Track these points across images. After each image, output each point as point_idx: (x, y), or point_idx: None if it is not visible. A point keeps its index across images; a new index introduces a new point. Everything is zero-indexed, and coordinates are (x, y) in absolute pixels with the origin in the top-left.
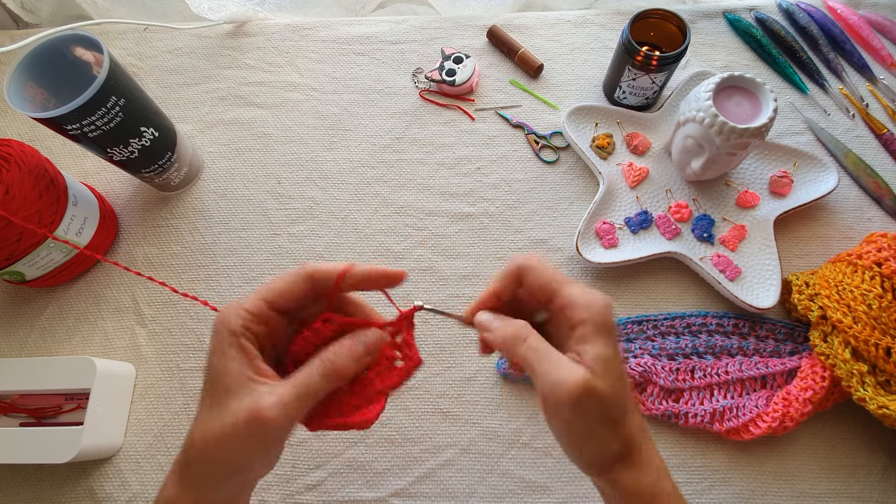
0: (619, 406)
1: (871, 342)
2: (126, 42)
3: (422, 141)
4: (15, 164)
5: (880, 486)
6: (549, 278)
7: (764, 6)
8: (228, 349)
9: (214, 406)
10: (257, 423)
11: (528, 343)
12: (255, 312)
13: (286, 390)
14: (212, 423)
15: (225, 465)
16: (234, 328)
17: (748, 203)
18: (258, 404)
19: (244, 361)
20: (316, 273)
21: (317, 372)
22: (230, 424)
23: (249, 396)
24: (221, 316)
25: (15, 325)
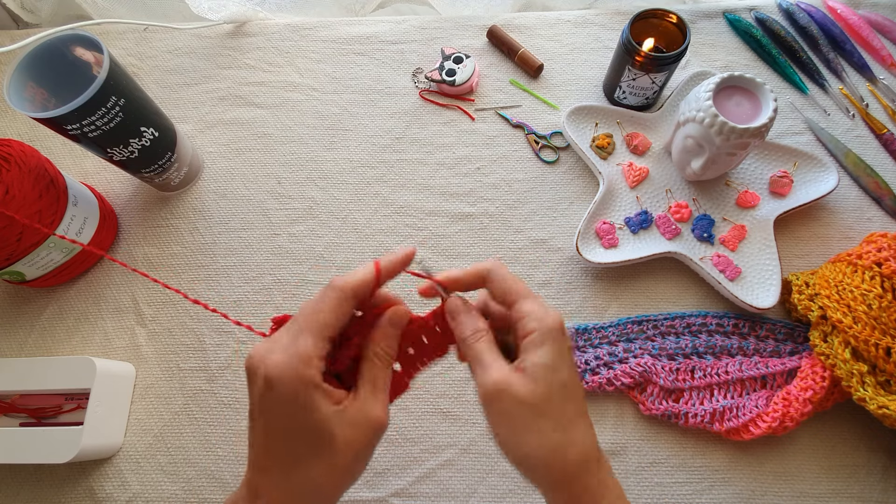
0: (547, 412)
1: (871, 342)
2: (126, 42)
3: (422, 141)
4: (15, 164)
5: (880, 486)
6: (509, 289)
7: (764, 6)
8: (317, 401)
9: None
10: (382, 431)
11: (476, 345)
12: (323, 355)
13: (380, 395)
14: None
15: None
16: (317, 381)
17: (748, 203)
18: (376, 418)
19: (330, 402)
20: (357, 289)
21: (380, 366)
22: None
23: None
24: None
25: (15, 325)
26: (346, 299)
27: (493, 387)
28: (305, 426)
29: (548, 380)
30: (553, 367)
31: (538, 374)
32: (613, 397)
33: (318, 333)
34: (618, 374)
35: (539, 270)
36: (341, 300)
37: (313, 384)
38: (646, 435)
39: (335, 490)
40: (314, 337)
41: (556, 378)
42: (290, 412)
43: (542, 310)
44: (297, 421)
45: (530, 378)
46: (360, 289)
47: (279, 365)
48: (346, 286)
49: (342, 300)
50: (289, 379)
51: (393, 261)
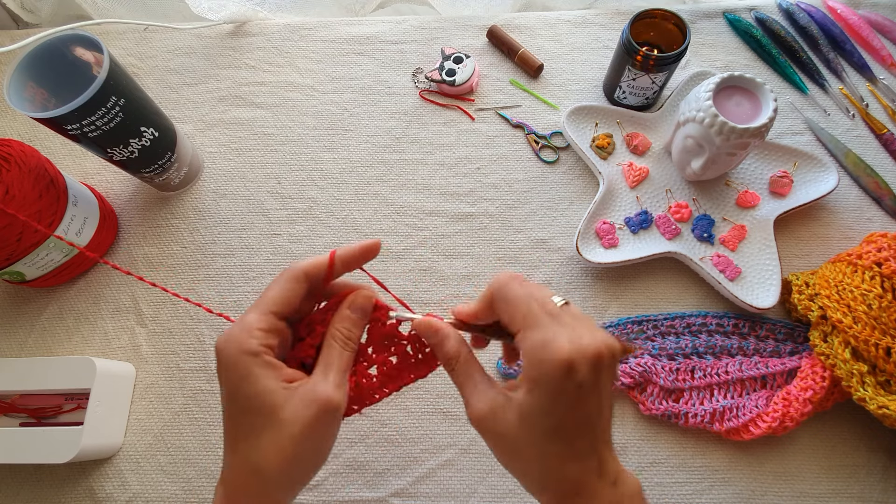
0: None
1: (871, 342)
2: (126, 42)
3: (422, 141)
4: (15, 164)
5: (880, 486)
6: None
7: (764, 6)
8: (255, 371)
9: (264, 428)
10: (330, 411)
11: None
12: (269, 328)
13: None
14: (275, 442)
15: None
16: (255, 349)
17: (748, 203)
18: (323, 396)
19: (276, 376)
20: (309, 270)
21: (339, 347)
22: (299, 430)
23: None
24: (232, 343)
25: (15, 325)
26: (294, 279)
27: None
28: (247, 396)
29: (535, 424)
30: (541, 414)
31: (525, 415)
32: (613, 397)
33: (262, 308)
34: (618, 374)
35: (539, 270)
36: (290, 279)
37: (252, 352)
38: (646, 435)
39: (282, 470)
40: (258, 311)
41: (545, 423)
42: (233, 381)
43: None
44: (240, 391)
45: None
46: (310, 270)
47: (225, 338)
48: (296, 267)
49: (291, 279)
50: (231, 349)
51: (350, 250)
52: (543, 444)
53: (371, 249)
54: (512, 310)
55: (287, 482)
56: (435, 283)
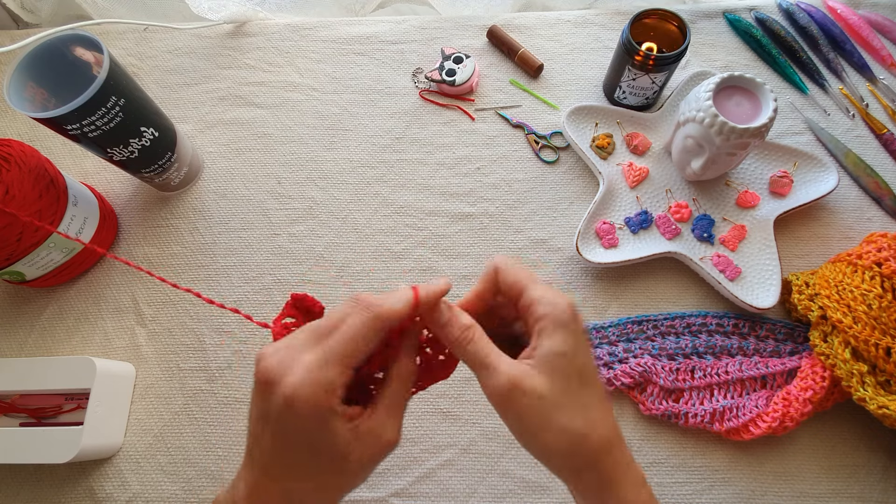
0: (565, 402)
1: (871, 342)
2: (126, 42)
3: (422, 141)
4: (15, 164)
5: (880, 486)
6: (518, 277)
7: (764, 6)
8: (336, 427)
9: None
10: (392, 450)
11: (471, 345)
12: (347, 382)
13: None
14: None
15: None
16: (336, 409)
17: (748, 203)
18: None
19: (346, 422)
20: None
21: (402, 387)
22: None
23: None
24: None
25: (15, 325)
26: (380, 329)
27: (505, 386)
28: (322, 448)
29: (564, 369)
30: (568, 353)
31: (554, 363)
32: (613, 397)
33: (345, 363)
34: (618, 374)
35: (539, 270)
36: (374, 329)
37: (335, 412)
38: (646, 435)
39: (336, 499)
40: (341, 366)
41: (573, 365)
42: (308, 434)
43: (552, 294)
44: (315, 443)
45: (546, 369)
46: (396, 319)
47: (302, 389)
48: (383, 315)
49: (376, 329)
50: (312, 405)
51: (433, 292)
52: (572, 392)
53: (448, 288)
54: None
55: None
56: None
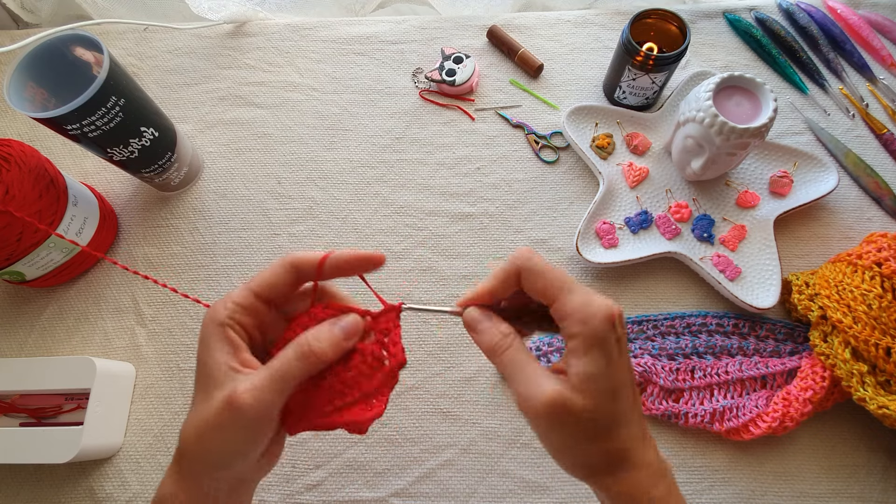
0: (602, 422)
1: (871, 342)
2: (126, 42)
3: (422, 141)
4: (15, 164)
5: (880, 486)
6: (548, 284)
7: (764, 6)
8: (215, 341)
9: (201, 398)
10: (233, 408)
11: (507, 354)
12: (243, 303)
13: (261, 375)
14: (197, 415)
15: (212, 457)
16: (222, 319)
17: (748, 203)
18: (232, 389)
19: (230, 352)
20: (298, 261)
21: (292, 355)
22: (212, 414)
23: (229, 385)
24: (210, 309)
25: (15, 325)
26: (282, 265)
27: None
28: (200, 362)
29: (596, 389)
30: (600, 374)
31: (586, 385)
32: None
33: (245, 285)
34: None
35: None
36: (278, 265)
37: (218, 322)
38: None
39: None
40: (242, 287)
41: (605, 385)
42: (199, 347)
43: (585, 306)
44: (199, 356)
45: (579, 389)
46: (301, 262)
47: (210, 307)
48: (288, 255)
49: (279, 265)
50: (206, 317)
51: (344, 255)
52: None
53: (369, 260)
54: (546, 279)
55: (199, 460)
56: (435, 283)
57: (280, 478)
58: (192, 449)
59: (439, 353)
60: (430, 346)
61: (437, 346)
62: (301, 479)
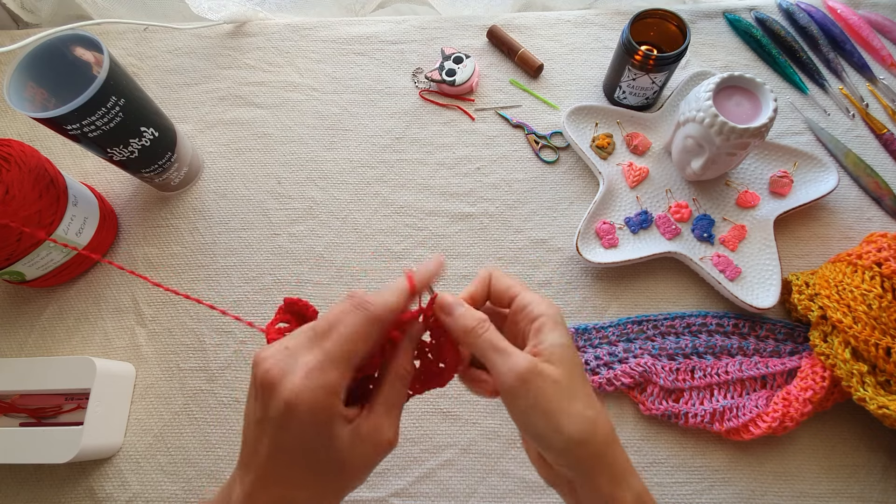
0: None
1: (871, 342)
2: (126, 42)
3: (422, 141)
4: (15, 164)
5: (880, 486)
6: (511, 283)
7: (764, 6)
8: (339, 432)
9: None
10: (390, 451)
11: (484, 336)
12: (348, 384)
13: (396, 415)
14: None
15: None
16: (339, 411)
17: (748, 203)
18: (389, 440)
19: (346, 424)
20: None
21: (400, 385)
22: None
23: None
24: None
25: (15, 325)
26: (379, 326)
27: (523, 372)
28: (322, 454)
29: (570, 359)
30: (569, 345)
31: (561, 354)
32: (613, 397)
33: (346, 365)
34: (618, 374)
35: (539, 270)
36: (373, 326)
37: (337, 416)
38: (646, 435)
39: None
40: (342, 368)
41: (574, 358)
42: (309, 439)
43: (543, 299)
44: (315, 449)
45: (555, 359)
46: (393, 312)
47: (304, 394)
48: (383, 313)
49: (374, 326)
50: (314, 410)
51: (427, 274)
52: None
53: (442, 265)
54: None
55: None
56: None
57: None
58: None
59: None
60: None
61: None
62: None
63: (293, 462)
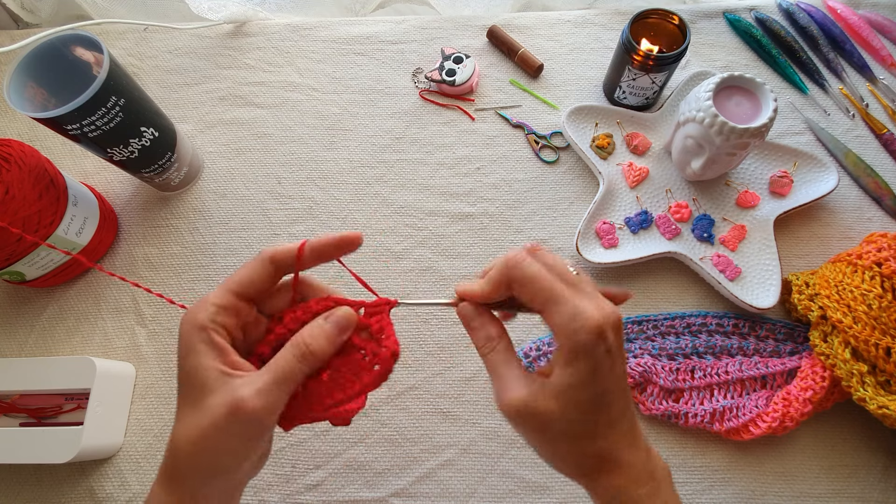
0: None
1: (871, 342)
2: (126, 42)
3: (422, 141)
4: (15, 164)
5: (880, 486)
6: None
7: (764, 6)
8: (198, 345)
9: (191, 406)
10: (239, 415)
11: (490, 356)
12: (223, 304)
13: (264, 379)
14: (191, 424)
15: (211, 465)
16: (203, 322)
17: (748, 203)
18: (237, 396)
19: (216, 356)
20: (275, 254)
21: (292, 355)
22: (210, 422)
23: (226, 390)
24: (189, 313)
25: (15, 325)
26: (260, 261)
27: (513, 406)
28: (185, 369)
29: (576, 398)
30: (582, 384)
31: (566, 393)
32: None
33: (224, 286)
34: None
35: None
36: (256, 261)
37: (199, 326)
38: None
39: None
40: (219, 289)
41: (587, 393)
42: (181, 353)
43: (571, 320)
44: (183, 363)
45: (557, 396)
46: (278, 255)
47: (187, 310)
48: (265, 250)
49: (257, 261)
50: (184, 321)
51: (323, 240)
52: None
53: (347, 241)
54: (533, 289)
55: (195, 470)
56: (435, 283)
57: (280, 478)
58: (186, 459)
59: (439, 353)
60: (429, 346)
61: (436, 346)
62: (301, 479)
63: (179, 382)
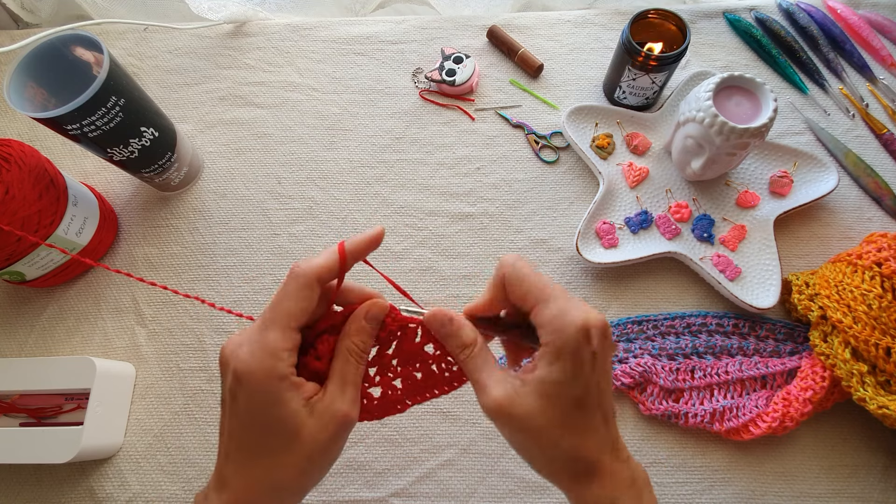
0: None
1: (871, 342)
2: (126, 42)
3: (422, 141)
4: (15, 164)
5: (880, 486)
6: (527, 291)
7: (764, 6)
8: (284, 395)
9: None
10: (348, 427)
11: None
12: (292, 347)
13: (350, 390)
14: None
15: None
16: (283, 372)
17: (748, 203)
18: (341, 413)
19: (299, 396)
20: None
21: (354, 362)
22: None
23: (323, 414)
24: (259, 365)
25: (15, 325)
26: (308, 286)
27: (493, 408)
28: (273, 420)
29: (558, 396)
30: (565, 382)
31: (548, 390)
32: (613, 397)
33: (283, 325)
34: (618, 374)
35: (539, 270)
36: (303, 287)
37: (281, 377)
38: (646, 435)
39: (299, 484)
40: (280, 329)
41: (569, 392)
42: (260, 406)
43: (559, 316)
44: (266, 415)
45: (538, 394)
46: (323, 274)
47: (248, 359)
48: (307, 272)
49: (304, 287)
50: (258, 373)
51: (359, 241)
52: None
53: (377, 239)
54: (527, 286)
55: (300, 494)
56: (435, 283)
57: None
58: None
59: None
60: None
61: None
62: None
63: (252, 432)
